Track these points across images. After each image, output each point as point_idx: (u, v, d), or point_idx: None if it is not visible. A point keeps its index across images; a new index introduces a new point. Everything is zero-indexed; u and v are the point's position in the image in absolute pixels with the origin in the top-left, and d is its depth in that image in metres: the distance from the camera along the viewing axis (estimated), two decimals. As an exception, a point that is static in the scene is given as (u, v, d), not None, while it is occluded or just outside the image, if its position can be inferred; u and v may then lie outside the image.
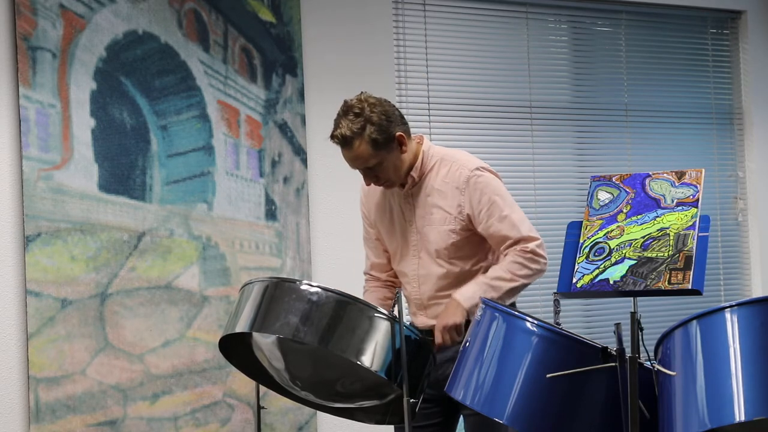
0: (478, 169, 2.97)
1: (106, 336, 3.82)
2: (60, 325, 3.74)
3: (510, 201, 2.97)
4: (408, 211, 3.05)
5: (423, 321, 3.04)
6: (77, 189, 3.79)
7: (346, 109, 2.91)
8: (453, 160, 3.01)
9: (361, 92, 2.97)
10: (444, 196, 2.97)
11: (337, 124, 2.91)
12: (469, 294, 2.89)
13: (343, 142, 2.90)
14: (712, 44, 5.36)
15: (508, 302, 2.91)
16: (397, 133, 2.93)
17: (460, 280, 2.98)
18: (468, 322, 2.87)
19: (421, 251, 3.02)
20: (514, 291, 2.91)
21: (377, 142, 2.89)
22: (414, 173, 3.00)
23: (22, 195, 3.70)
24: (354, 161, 2.93)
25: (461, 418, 3.08)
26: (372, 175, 2.97)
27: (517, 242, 2.93)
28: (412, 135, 3.02)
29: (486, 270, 2.98)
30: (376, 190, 3.12)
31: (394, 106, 2.98)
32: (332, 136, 2.92)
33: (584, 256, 2.44)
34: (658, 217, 2.41)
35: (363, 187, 3.17)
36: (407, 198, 3.05)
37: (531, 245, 2.93)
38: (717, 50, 5.37)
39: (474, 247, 2.99)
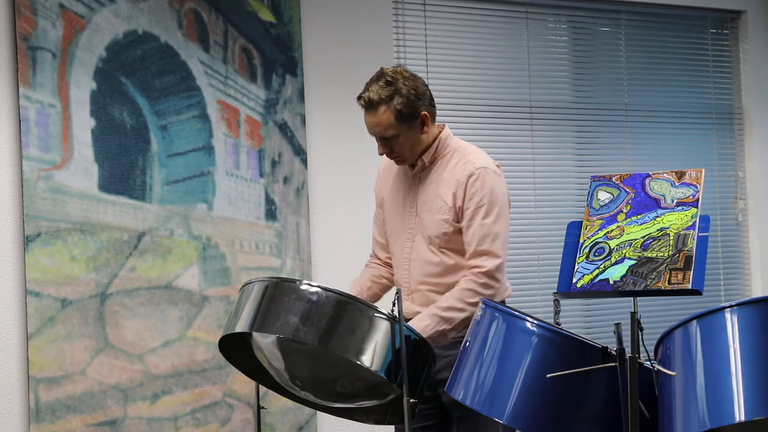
0: (484, 168, 2.96)
1: (106, 336, 3.82)
2: (60, 325, 3.74)
3: (499, 211, 2.93)
4: (412, 193, 3.06)
5: (408, 307, 3.01)
6: (77, 189, 3.79)
7: (380, 75, 2.95)
8: (465, 154, 3.01)
9: (399, 65, 3.03)
10: (447, 186, 2.98)
11: (366, 87, 2.94)
12: (421, 327, 2.84)
13: (369, 105, 2.92)
14: (712, 44, 5.36)
15: (461, 331, 2.81)
16: (423, 112, 2.95)
17: (450, 271, 2.98)
18: (445, 346, 2.88)
19: (417, 234, 3.04)
20: (467, 320, 2.80)
21: (401, 114, 2.91)
22: (425, 158, 3.01)
23: (22, 195, 3.70)
24: (374, 127, 2.95)
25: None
26: (387, 145, 2.98)
27: (479, 254, 2.90)
28: (436, 123, 3.04)
29: None
30: (393, 168, 3.14)
31: (427, 86, 3.00)
32: (359, 97, 2.95)
33: (584, 256, 2.44)
34: (658, 217, 2.41)
35: (379, 167, 3.22)
36: (414, 180, 3.06)
37: (489, 265, 2.88)
38: (717, 50, 5.37)
39: None
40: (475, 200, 2.92)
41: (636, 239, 2.40)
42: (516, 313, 2.52)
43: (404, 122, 2.92)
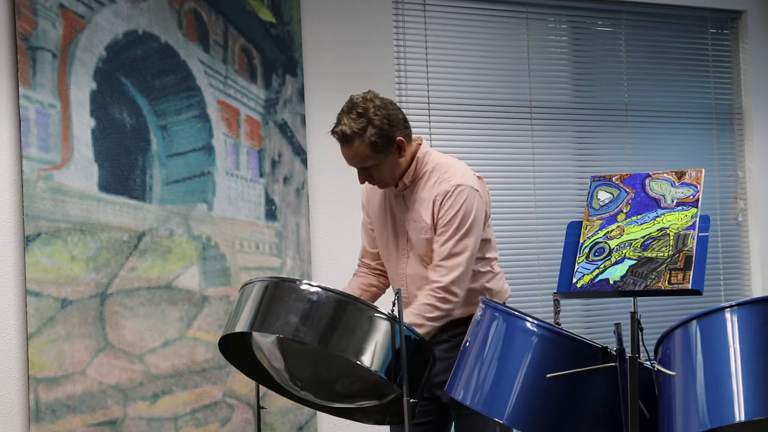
0: (459, 185, 2.93)
1: (106, 336, 3.82)
2: (60, 325, 3.74)
3: (469, 228, 2.91)
4: (399, 212, 3.06)
5: None
6: (77, 189, 3.79)
7: (351, 107, 2.91)
8: (442, 171, 2.99)
9: (368, 90, 2.96)
10: (426, 206, 2.97)
11: (339, 120, 2.91)
12: None
13: (343, 139, 2.90)
14: (712, 44, 5.36)
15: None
16: (398, 138, 2.93)
17: None
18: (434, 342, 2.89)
19: (410, 251, 3.04)
20: (428, 334, 2.85)
21: (377, 145, 2.89)
22: (406, 179, 3.00)
23: (22, 195, 3.70)
24: (351, 159, 2.94)
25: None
26: (367, 174, 2.98)
27: (438, 266, 2.90)
28: (413, 137, 3.03)
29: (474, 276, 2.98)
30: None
31: (399, 109, 2.97)
32: (333, 132, 2.92)
33: (584, 256, 2.44)
34: (658, 217, 2.41)
35: None
36: (398, 199, 3.06)
37: (446, 280, 2.87)
38: (717, 50, 5.37)
39: None
40: (446, 218, 2.92)
41: (636, 239, 2.40)
42: (516, 313, 2.52)
43: (380, 152, 2.91)
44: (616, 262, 2.39)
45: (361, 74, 4.36)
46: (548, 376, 2.36)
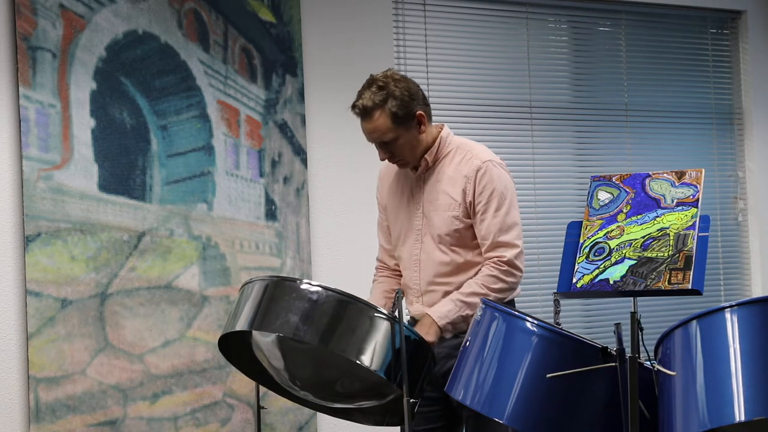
0: (490, 161, 2.98)
1: (106, 336, 3.82)
2: (60, 325, 3.74)
3: (510, 202, 2.96)
4: (417, 194, 3.06)
5: (418, 309, 3.04)
6: (77, 189, 3.79)
7: (371, 82, 2.94)
8: (468, 149, 3.03)
9: (389, 68, 3.02)
10: (453, 182, 2.98)
11: (359, 95, 2.94)
12: (443, 312, 2.89)
13: (364, 112, 2.92)
14: (712, 44, 5.36)
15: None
16: (418, 112, 2.95)
17: (461, 269, 2.98)
18: (442, 339, 2.90)
19: (425, 235, 3.03)
20: None
21: (397, 117, 2.91)
22: (428, 157, 3.01)
23: (22, 195, 3.70)
24: (371, 133, 2.95)
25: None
26: (387, 150, 2.98)
27: (497, 246, 2.92)
28: (433, 123, 3.04)
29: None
30: (391, 172, 3.14)
31: (418, 86, 3.01)
32: (353, 106, 2.95)
33: (584, 256, 2.44)
34: (658, 217, 2.41)
35: (380, 171, 3.21)
36: (418, 181, 3.06)
37: (509, 254, 2.91)
38: (717, 50, 5.37)
39: (476, 237, 2.99)
40: (485, 194, 2.93)
41: (636, 239, 2.40)
42: (516, 313, 2.52)
43: (401, 124, 2.93)
44: (616, 262, 2.39)
45: (361, 74, 4.30)
46: (548, 376, 2.36)
